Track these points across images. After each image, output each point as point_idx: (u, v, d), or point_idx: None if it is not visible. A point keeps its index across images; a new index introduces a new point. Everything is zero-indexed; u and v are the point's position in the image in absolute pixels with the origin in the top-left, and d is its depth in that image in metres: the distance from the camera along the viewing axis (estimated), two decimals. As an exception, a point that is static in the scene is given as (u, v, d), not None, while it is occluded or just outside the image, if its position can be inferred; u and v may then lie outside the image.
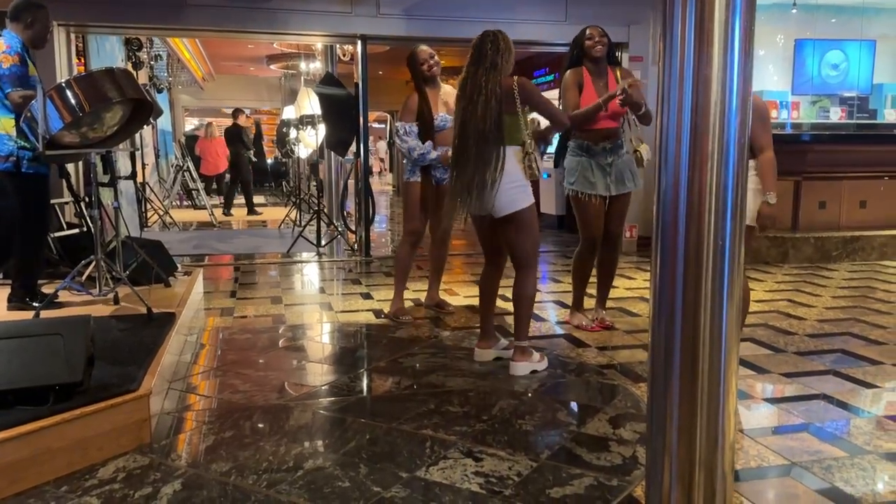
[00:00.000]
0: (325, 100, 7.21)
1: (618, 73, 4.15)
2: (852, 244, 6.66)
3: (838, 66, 7.29)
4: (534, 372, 3.41)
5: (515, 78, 3.32)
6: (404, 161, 4.46)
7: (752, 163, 3.28)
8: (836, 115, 7.23)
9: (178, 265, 5.24)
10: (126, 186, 7.47)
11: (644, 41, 7.25)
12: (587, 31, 4.08)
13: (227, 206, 11.72)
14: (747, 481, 2.33)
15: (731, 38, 1.51)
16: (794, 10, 7.28)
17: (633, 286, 5.53)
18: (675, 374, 1.70)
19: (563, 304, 4.88)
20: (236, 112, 12.39)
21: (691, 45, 1.51)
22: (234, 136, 11.81)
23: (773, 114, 7.03)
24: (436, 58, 4.33)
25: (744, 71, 1.54)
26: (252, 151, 11.67)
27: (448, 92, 4.48)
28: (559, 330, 4.27)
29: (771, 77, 7.44)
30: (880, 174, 6.95)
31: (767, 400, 3.15)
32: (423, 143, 4.23)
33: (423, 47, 4.34)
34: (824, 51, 7.27)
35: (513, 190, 3.27)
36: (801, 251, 6.54)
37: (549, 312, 4.73)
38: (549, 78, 10.44)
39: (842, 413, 2.94)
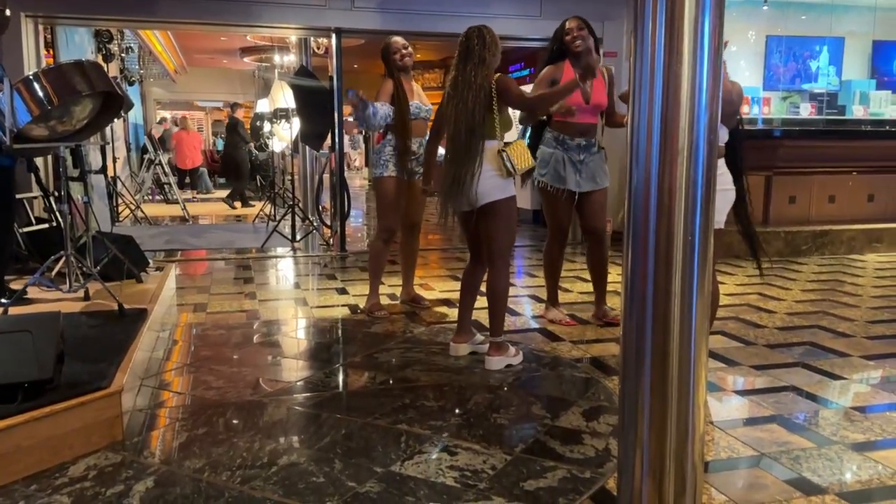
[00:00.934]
0: (299, 92, 7.16)
1: (603, 71, 4.10)
2: (821, 238, 6.77)
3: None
4: (508, 366, 3.43)
5: (496, 77, 3.35)
6: (375, 156, 4.44)
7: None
8: (805, 111, 7.35)
9: (150, 260, 5.18)
10: (97, 181, 7.37)
11: (618, 37, 7.28)
12: (566, 25, 4.01)
13: (243, 200, 11.73)
14: (717, 472, 2.36)
15: (701, 36, 1.53)
16: (765, 7, 7.38)
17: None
18: (646, 367, 1.72)
19: (538, 299, 4.91)
20: (234, 106, 12.37)
21: (661, 42, 1.53)
22: (231, 129, 11.81)
23: (745, 109, 7.12)
24: (409, 49, 4.32)
25: (713, 68, 1.55)
26: (251, 144, 11.63)
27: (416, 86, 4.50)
28: (534, 324, 4.29)
29: (743, 73, 7.52)
30: (849, 169, 7.07)
31: (738, 392, 3.20)
32: (397, 131, 4.23)
33: (397, 38, 4.35)
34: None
35: (493, 179, 3.31)
36: (772, 245, 6.63)
37: (525, 307, 4.75)
38: (525, 73, 10.49)
39: (810, 405, 2.99)
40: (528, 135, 4.23)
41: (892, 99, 7.72)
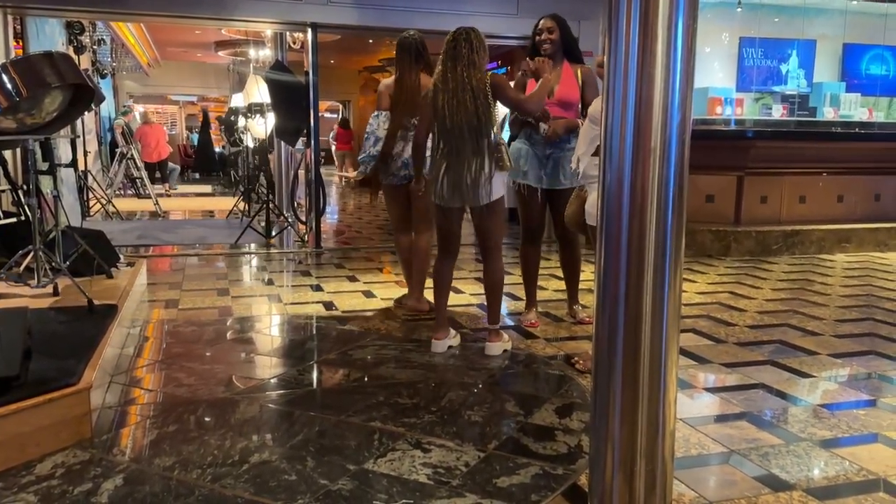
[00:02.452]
0: (274, 87, 7.11)
1: (578, 72, 3.97)
2: (792, 238, 6.87)
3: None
4: (505, 351, 3.61)
5: (489, 75, 3.45)
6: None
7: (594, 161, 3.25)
8: (777, 112, 7.45)
9: (121, 256, 5.11)
10: (67, 174, 7.25)
11: (595, 36, 7.30)
12: (539, 23, 3.95)
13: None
14: (687, 469, 2.39)
15: (675, 36, 1.54)
16: (739, 9, 7.46)
17: (581, 278, 5.59)
18: (617, 363, 1.73)
19: (512, 296, 4.92)
20: None
21: (635, 42, 1.54)
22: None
23: (718, 110, 7.20)
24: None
25: (686, 68, 1.57)
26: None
27: None
28: (509, 321, 4.30)
29: (716, 74, 7.61)
30: (819, 170, 7.19)
31: (708, 389, 3.24)
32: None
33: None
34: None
35: (496, 177, 3.46)
36: (743, 244, 6.72)
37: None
38: (502, 71, 10.49)
39: (779, 402, 3.04)
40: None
41: (862, 101, 7.85)
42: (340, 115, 20.24)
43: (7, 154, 5.40)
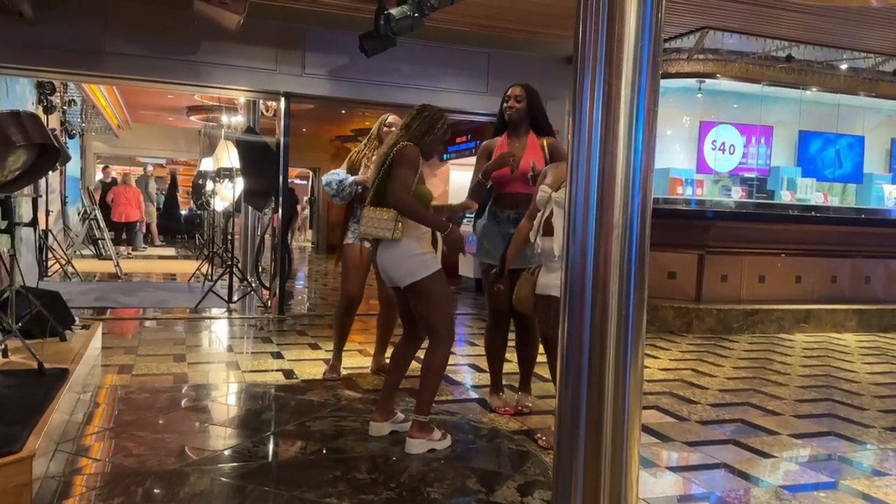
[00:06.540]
0: (244, 148, 7.13)
1: (544, 143, 3.83)
2: (752, 317, 6.97)
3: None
4: (432, 450, 3.18)
5: (405, 144, 3.21)
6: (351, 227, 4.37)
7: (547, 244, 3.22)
8: (736, 194, 7.66)
9: (77, 318, 4.97)
10: (26, 234, 7.12)
11: (561, 116, 7.51)
12: (508, 90, 3.84)
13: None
14: (650, 551, 2.34)
15: (637, 119, 1.59)
16: (699, 95, 7.75)
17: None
18: (580, 441, 1.71)
19: (477, 368, 4.88)
20: None
21: (599, 123, 1.58)
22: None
23: (679, 190, 7.40)
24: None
25: (647, 148, 1.61)
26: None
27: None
28: (473, 394, 4.25)
29: (678, 156, 7.84)
30: (777, 251, 7.37)
31: (671, 468, 3.21)
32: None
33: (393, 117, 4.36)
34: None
35: (409, 260, 3.17)
36: (704, 322, 6.80)
37: (465, 376, 4.71)
38: (472, 145, 10.71)
39: (741, 483, 3.02)
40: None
41: (818, 186, 8.13)
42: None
43: (-35, 211, 5.29)
